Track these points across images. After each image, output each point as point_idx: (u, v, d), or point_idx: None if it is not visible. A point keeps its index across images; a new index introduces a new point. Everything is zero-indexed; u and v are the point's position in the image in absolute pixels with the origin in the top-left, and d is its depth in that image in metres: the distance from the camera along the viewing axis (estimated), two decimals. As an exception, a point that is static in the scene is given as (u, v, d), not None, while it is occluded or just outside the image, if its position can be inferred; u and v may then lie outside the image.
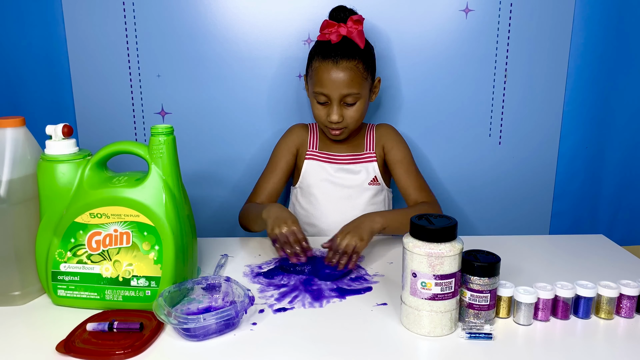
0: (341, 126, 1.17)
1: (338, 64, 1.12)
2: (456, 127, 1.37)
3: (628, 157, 1.40)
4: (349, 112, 1.16)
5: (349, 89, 1.12)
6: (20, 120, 0.85)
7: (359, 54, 1.14)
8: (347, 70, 1.12)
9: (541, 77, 1.34)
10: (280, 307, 0.85)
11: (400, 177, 1.22)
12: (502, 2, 1.28)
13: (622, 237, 1.43)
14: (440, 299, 0.74)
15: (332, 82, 1.12)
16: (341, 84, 1.12)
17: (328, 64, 1.12)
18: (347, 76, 1.12)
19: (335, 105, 1.14)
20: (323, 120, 1.18)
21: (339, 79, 1.12)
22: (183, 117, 1.35)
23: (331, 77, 1.12)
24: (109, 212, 0.82)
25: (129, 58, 1.32)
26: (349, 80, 1.12)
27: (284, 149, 1.26)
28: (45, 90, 1.33)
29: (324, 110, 1.16)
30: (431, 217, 0.77)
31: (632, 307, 0.81)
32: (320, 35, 1.17)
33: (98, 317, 0.80)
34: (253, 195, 1.24)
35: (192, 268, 0.91)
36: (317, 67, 1.14)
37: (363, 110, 1.17)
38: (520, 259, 1.01)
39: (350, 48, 1.13)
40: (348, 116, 1.16)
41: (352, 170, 1.23)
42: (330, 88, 1.13)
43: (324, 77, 1.13)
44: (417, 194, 1.20)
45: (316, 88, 1.15)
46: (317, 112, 1.18)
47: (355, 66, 1.13)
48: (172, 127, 0.84)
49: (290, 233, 0.97)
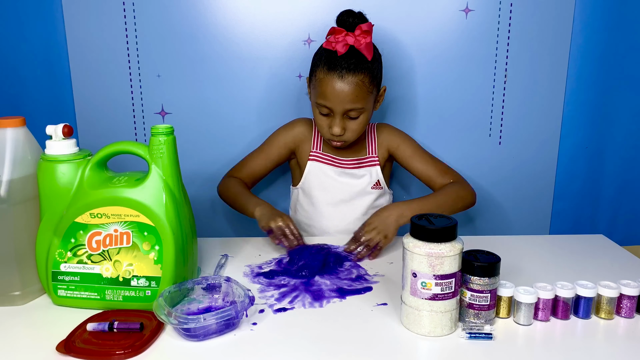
0: (342, 139, 1.15)
1: (343, 78, 1.07)
2: (456, 127, 1.37)
3: (628, 157, 1.40)
4: (351, 125, 1.13)
5: (353, 104, 1.09)
6: (20, 121, 0.85)
7: (366, 67, 1.09)
8: (353, 85, 1.08)
9: (541, 77, 1.33)
10: (280, 307, 0.85)
11: (418, 170, 1.21)
12: (502, 2, 1.28)
13: (622, 237, 1.43)
14: (440, 299, 0.74)
15: (336, 97, 1.08)
16: (345, 98, 1.08)
17: (333, 77, 1.08)
18: (352, 91, 1.08)
19: (338, 118, 1.11)
20: (325, 132, 1.16)
21: (344, 93, 1.08)
22: (183, 117, 1.35)
23: (335, 91, 1.08)
24: (109, 212, 0.82)
25: (129, 58, 1.32)
26: (353, 95, 1.08)
27: (281, 141, 1.25)
28: (45, 90, 1.33)
29: (326, 121, 1.14)
30: (431, 217, 0.77)
31: (632, 307, 0.81)
32: (326, 42, 1.11)
33: (98, 317, 0.80)
34: (236, 169, 1.25)
35: (192, 268, 0.91)
36: (321, 78, 1.10)
37: (365, 123, 1.15)
38: (520, 259, 1.01)
39: (357, 60, 1.08)
40: (350, 129, 1.14)
41: (355, 174, 1.23)
42: (334, 102, 1.09)
43: (327, 91, 1.09)
44: (441, 179, 1.19)
45: (319, 99, 1.12)
46: (319, 122, 1.16)
47: (361, 81, 1.08)
48: (172, 127, 0.84)
49: (286, 226, 1.04)
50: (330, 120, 1.13)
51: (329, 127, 1.14)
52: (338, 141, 1.16)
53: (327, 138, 1.18)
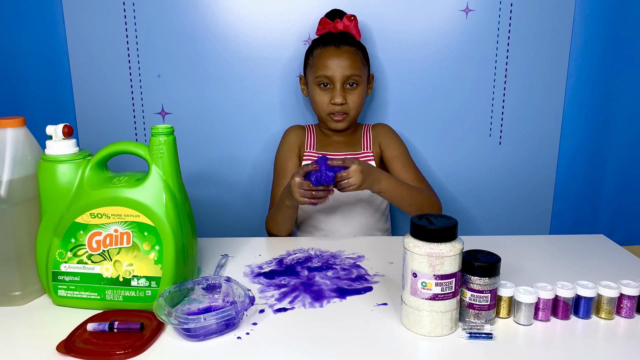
0: (344, 110, 1.20)
1: (340, 47, 1.18)
2: (456, 127, 1.37)
3: (628, 157, 1.40)
4: (351, 96, 1.20)
5: (352, 70, 1.17)
6: (20, 121, 0.85)
7: (358, 43, 1.22)
8: (350, 53, 1.18)
9: (541, 77, 1.34)
10: (280, 307, 0.85)
11: (398, 172, 1.23)
12: (502, 2, 1.28)
13: (622, 237, 1.43)
14: (440, 299, 0.74)
15: (336, 64, 1.17)
16: (344, 65, 1.17)
17: (330, 48, 1.18)
18: (349, 58, 1.18)
19: (338, 87, 1.18)
20: (325, 107, 1.20)
21: (342, 60, 1.18)
22: (183, 117, 1.36)
23: (334, 59, 1.17)
24: (109, 212, 0.82)
25: (129, 58, 1.32)
26: (351, 62, 1.18)
27: (287, 151, 1.27)
28: (45, 90, 1.33)
29: (327, 95, 1.19)
30: (431, 217, 0.77)
31: (632, 307, 0.81)
32: (318, 30, 1.23)
33: (98, 317, 0.80)
34: (270, 205, 1.26)
35: (193, 268, 0.91)
36: (319, 53, 1.19)
37: (363, 96, 1.22)
38: (520, 259, 1.01)
39: (350, 38, 1.21)
40: (350, 100, 1.20)
41: None
42: (334, 69, 1.17)
43: (327, 61, 1.17)
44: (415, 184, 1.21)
45: (319, 72, 1.19)
46: (319, 98, 1.20)
47: (356, 51, 1.20)
48: (172, 127, 0.84)
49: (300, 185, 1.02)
50: (331, 92, 1.19)
51: (330, 100, 1.19)
52: (340, 113, 1.19)
53: (328, 113, 1.21)
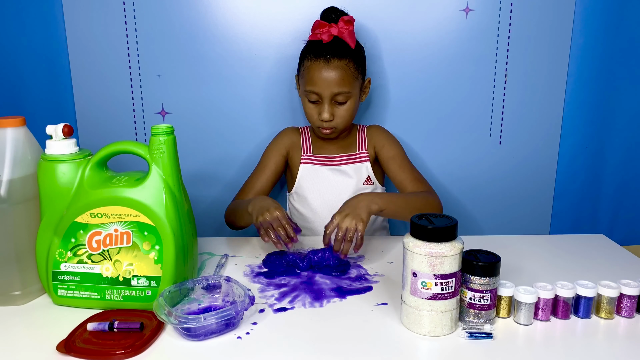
0: (331, 125, 1.18)
1: (329, 62, 1.13)
2: (456, 127, 1.37)
3: (628, 157, 1.40)
4: (339, 111, 1.17)
5: (340, 87, 1.14)
6: (20, 120, 0.85)
7: (350, 53, 1.15)
8: (338, 69, 1.13)
9: (541, 77, 1.33)
10: (280, 307, 0.85)
11: (395, 173, 1.22)
12: (502, 2, 1.28)
13: (622, 237, 1.43)
14: (440, 299, 0.74)
15: (324, 81, 1.13)
16: (332, 82, 1.13)
17: (319, 62, 1.13)
18: (338, 75, 1.13)
19: (326, 103, 1.15)
20: (314, 120, 1.19)
21: (330, 77, 1.13)
22: (183, 117, 1.35)
23: (322, 75, 1.13)
24: (109, 212, 0.82)
25: (129, 58, 1.32)
26: (339, 78, 1.13)
27: (274, 150, 1.27)
28: (45, 90, 1.33)
29: (316, 109, 1.18)
30: (431, 217, 0.77)
31: (632, 307, 0.81)
32: (311, 35, 1.18)
33: (98, 317, 0.80)
34: (240, 193, 1.25)
35: (193, 268, 0.91)
36: (308, 65, 1.16)
37: (353, 109, 1.19)
38: (520, 259, 1.01)
39: (341, 48, 1.14)
40: (338, 115, 1.17)
41: (346, 170, 1.24)
42: (322, 86, 1.14)
43: (315, 76, 1.14)
44: (413, 185, 1.20)
45: (307, 86, 1.16)
46: (308, 110, 1.19)
47: (346, 65, 1.14)
48: (172, 127, 0.84)
49: (274, 219, 0.98)
50: (319, 107, 1.17)
51: (318, 114, 1.17)
52: (327, 128, 1.18)
53: (316, 126, 1.20)
